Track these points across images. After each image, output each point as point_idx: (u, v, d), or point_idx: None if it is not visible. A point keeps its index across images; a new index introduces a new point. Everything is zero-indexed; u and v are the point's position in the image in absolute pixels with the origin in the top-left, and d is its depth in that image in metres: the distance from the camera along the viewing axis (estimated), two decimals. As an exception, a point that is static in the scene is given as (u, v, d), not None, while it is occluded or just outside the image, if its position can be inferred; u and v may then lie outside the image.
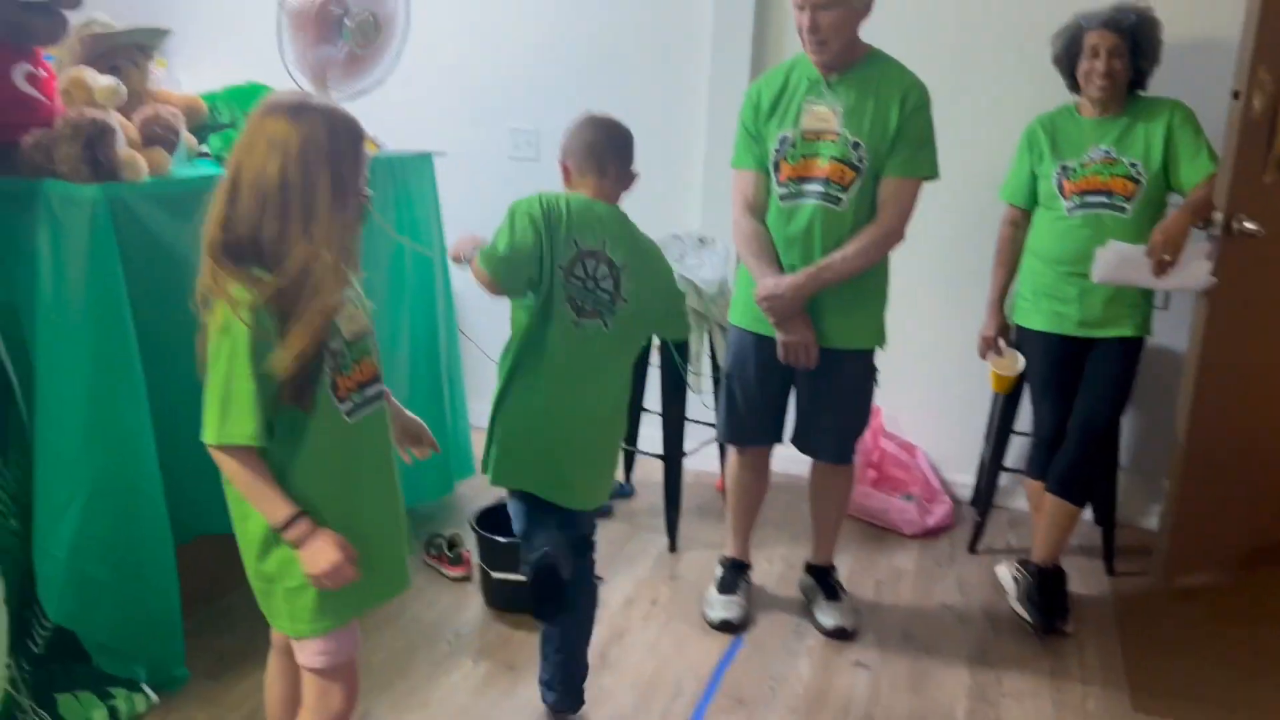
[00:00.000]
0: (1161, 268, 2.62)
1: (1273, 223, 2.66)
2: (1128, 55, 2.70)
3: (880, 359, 2.65)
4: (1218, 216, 2.60)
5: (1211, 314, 2.69)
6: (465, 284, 3.50)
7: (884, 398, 3.42)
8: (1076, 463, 2.78)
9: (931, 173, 2.52)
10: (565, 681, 2.24)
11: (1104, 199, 2.73)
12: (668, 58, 3.53)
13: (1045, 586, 2.76)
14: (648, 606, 2.80)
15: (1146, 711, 2.41)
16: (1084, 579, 3.02)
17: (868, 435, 3.41)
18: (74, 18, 2.17)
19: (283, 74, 2.73)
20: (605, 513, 3.31)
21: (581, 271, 2.00)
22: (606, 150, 2.08)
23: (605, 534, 3.21)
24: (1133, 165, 2.72)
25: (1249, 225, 2.61)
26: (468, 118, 3.75)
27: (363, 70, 2.89)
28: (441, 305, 3.16)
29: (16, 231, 2.07)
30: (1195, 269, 2.63)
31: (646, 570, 3.01)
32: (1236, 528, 3.08)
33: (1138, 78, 2.77)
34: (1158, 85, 2.81)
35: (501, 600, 2.71)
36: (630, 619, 2.74)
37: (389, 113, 3.21)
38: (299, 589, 1.57)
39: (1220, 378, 2.79)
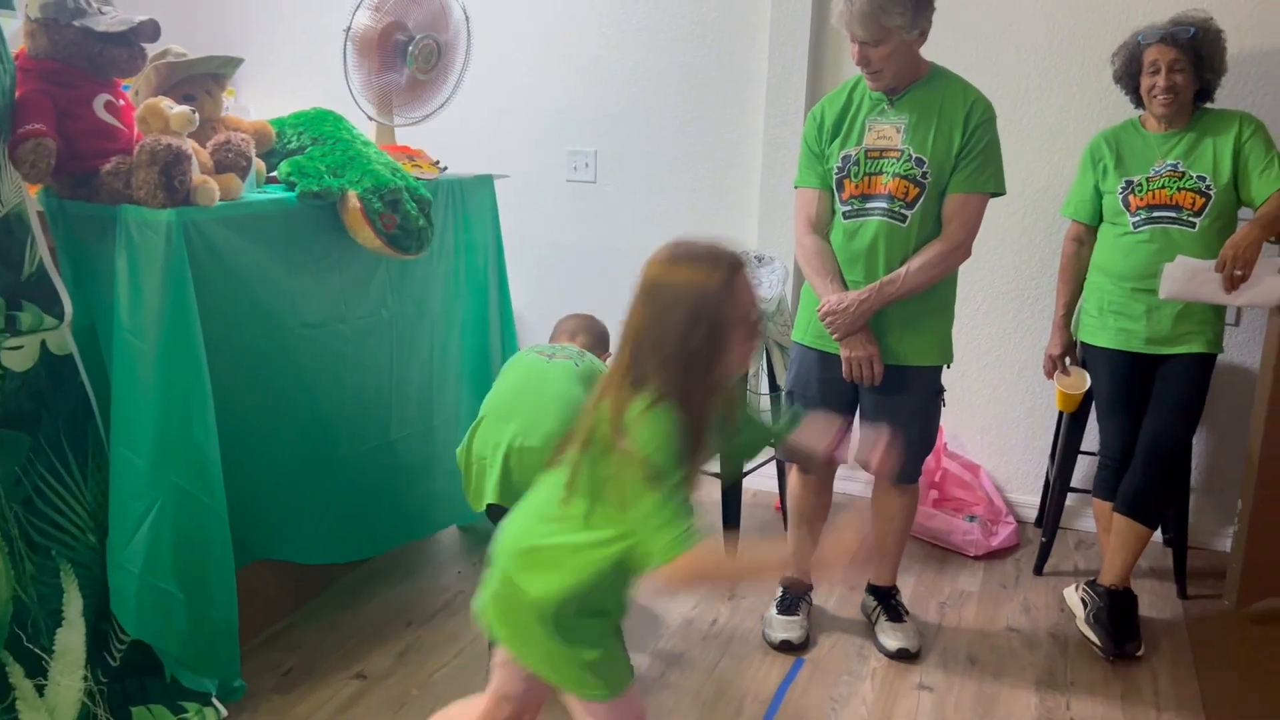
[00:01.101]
0: (1232, 283, 2.57)
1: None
2: (1190, 69, 2.65)
3: (944, 377, 2.62)
4: (1291, 230, 2.55)
5: (1286, 330, 2.63)
6: (524, 305, 3.57)
7: (947, 417, 3.37)
8: (1146, 483, 2.72)
9: (998, 188, 2.50)
10: None
11: (1171, 214, 2.69)
12: (724, 77, 3.55)
13: (1115, 609, 2.70)
14: (707, 627, 2.79)
15: (1224, 738, 2.34)
16: (1155, 602, 2.95)
17: (930, 455, 3.38)
18: (150, 48, 2.24)
19: (348, 100, 2.79)
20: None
21: None
22: None
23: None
24: (1201, 179, 2.67)
25: (1324, 238, 2.54)
26: (528, 140, 3.80)
27: (426, 96, 2.95)
28: (497, 327, 3.19)
29: (97, 255, 2.14)
30: (1268, 285, 2.57)
31: (705, 591, 3.00)
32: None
33: (1204, 90, 2.72)
34: (1229, 97, 2.76)
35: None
36: (690, 640, 2.72)
37: (451, 136, 3.27)
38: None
39: None
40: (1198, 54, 2.66)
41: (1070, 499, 3.22)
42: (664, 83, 3.63)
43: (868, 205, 2.48)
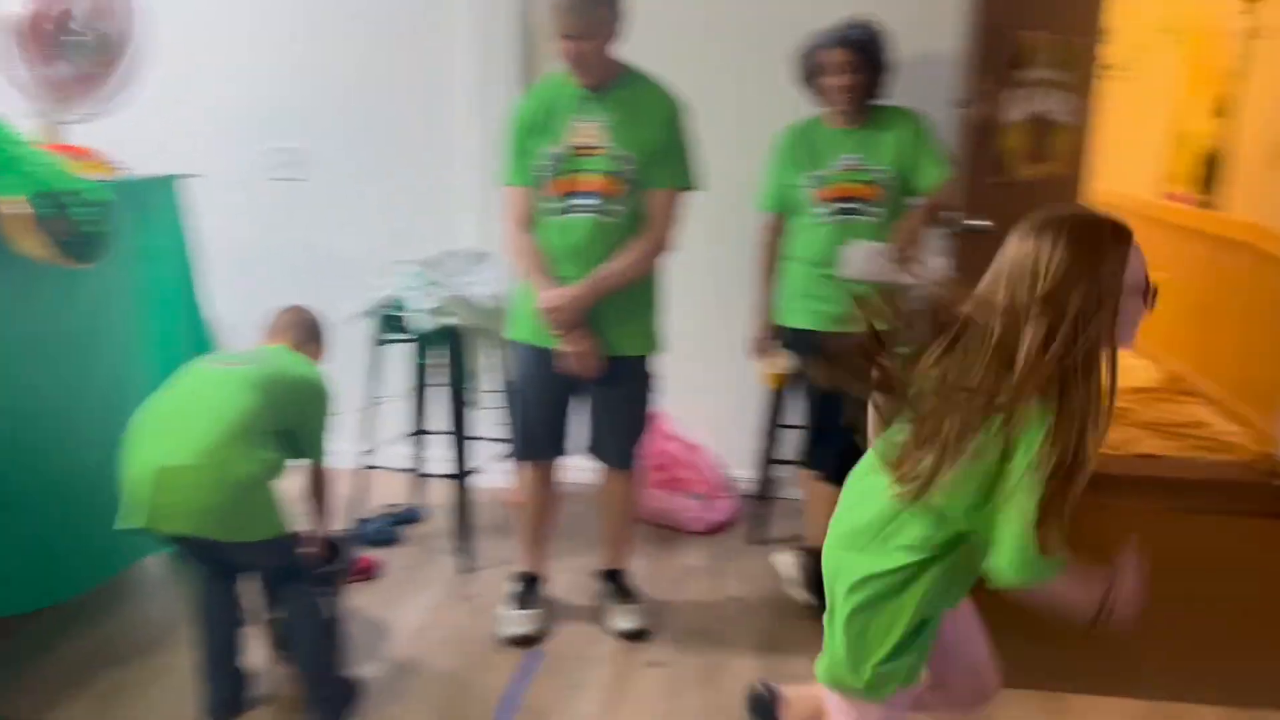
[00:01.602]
0: (902, 265, 2.83)
1: (1000, 218, 2.92)
2: (864, 69, 2.89)
3: (663, 363, 2.72)
4: (951, 215, 2.84)
5: (952, 305, 2.92)
6: (236, 312, 3.37)
7: (669, 400, 3.51)
8: (847, 449, 2.94)
9: (693, 184, 2.63)
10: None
11: (854, 204, 2.92)
12: (431, 73, 3.50)
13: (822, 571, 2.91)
14: (443, 631, 2.76)
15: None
16: (859, 560, 3.20)
17: (654, 438, 3.50)
18: None
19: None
20: (388, 540, 3.24)
21: None
22: None
23: (396, 560, 3.14)
24: (878, 172, 2.91)
25: (979, 221, 2.85)
26: (227, 138, 3.57)
27: (99, 89, 2.70)
28: (190, 340, 2.96)
29: None
30: (933, 265, 2.86)
31: (439, 594, 2.95)
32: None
33: (875, 89, 2.97)
34: (893, 94, 3.03)
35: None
36: (423, 646, 2.68)
37: (141, 134, 3.02)
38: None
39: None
40: (870, 55, 2.90)
41: (786, 471, 3.43)
42: (368, 79, 3.53)
43: (576, 202, 2.53)
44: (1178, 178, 5.38)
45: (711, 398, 3.64)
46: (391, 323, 3.06)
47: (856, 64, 2.87)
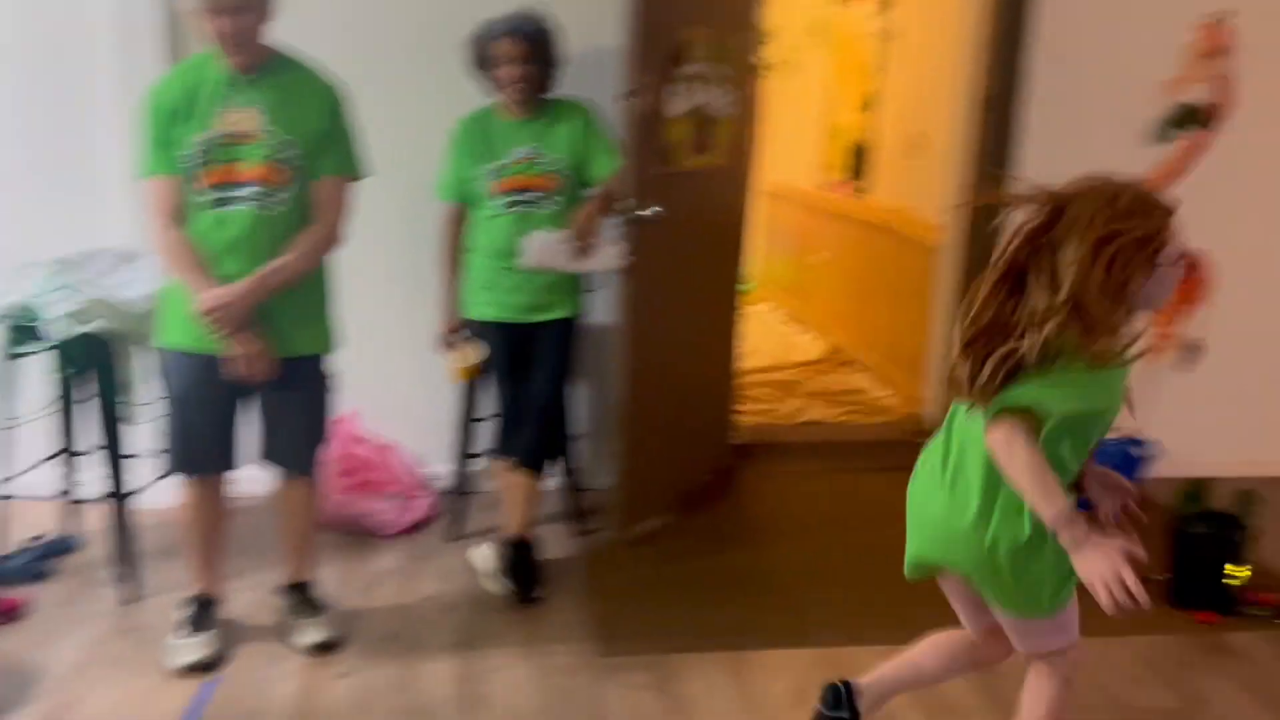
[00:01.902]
0: (581, 253, 2.89)
1: (668, 206, 3.05)
2: (536, 61, 2.91)
3: (349, 361, 2.62)
4: (624, 204, 2.93)
5: (629, 290, 3.02)
6: None
7: (358, 399, 3.38)
8: (534, 438, 2.98)
9: (360, 172, 2.54)
10: None
11: (531, 195, 2.94)
12: (66, 51, 3.14)
13: (518, 559, 2.92)
14: (105, 668, 2.50)
15: (613, 654, 2.66)
16: (558, 544, 3.25)
17: (342, 440, 3.36)
18: None
19: None
20: (36, 576, 2.90)
21: None
22: None
23: (47, 597, 2.81)
24: (553, 163, 2.95)
25: (648, 210, 2.96)
26: None
27: None
28: None
29: None
30: (609, 252, 2.94)
31: (100, 629, 2.68)
32: (673, 475, 3.52)
33: (547, 81, 3.00)
34: (563, 87, 3.07)
35: None
36: (83, 686, 2.42)
37: None
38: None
39: (645, 345, 3.15)
40: (541, 48, 2.92)
41: (483, 464, 3.41)
42: (-14, 56, 3.11)
43: (234, 193, 2.37)
44: (833, 168, 5.89)
45: (402, 394, 3.54)
46: (24, 332, 2.73)
47: (527, 55, 2.89)
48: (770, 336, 6.02)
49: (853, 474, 3.96)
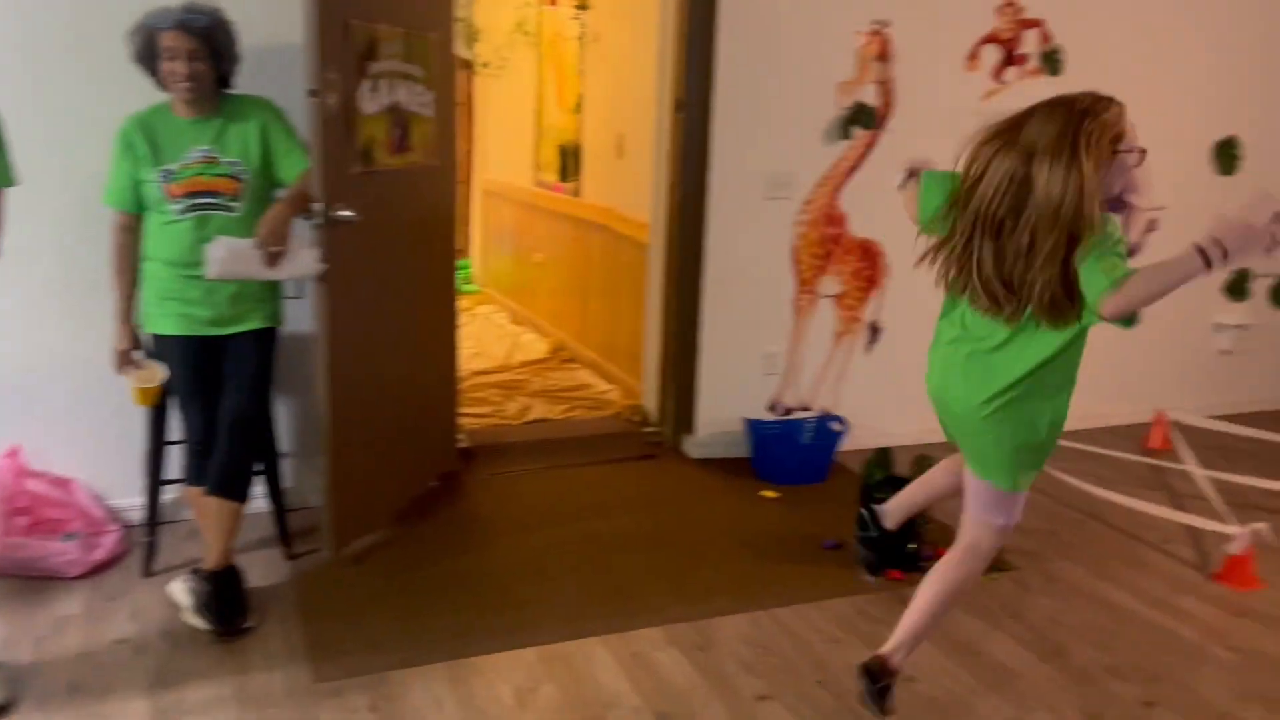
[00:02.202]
0: (271, 259, 2.74)
1: (367, 208, 2.95)
2: (208, 57, 2.72)
3: (10, 388, 2.33)
4: (317, 206, 2.80)
5: (329, 296, 2.89)
6: None
7: (24, 433, 3.05)
8: (230, 460, 2.79)
9: (9, 180, 2.28)
10: None
11: (211, 199, 2.75)
12: None
13: (221, 590, 2.73)
14: None
15: (328, 678, 2.53)
16: (266, 570, 3.06)
17: (9, 479, 3.01)
18: None
19: None
20: None
21: None
22: None
23: None
24: (233, 164, 2.77)
25: (345, 213, 2.85)
26: None
27: None
28: None
29: None
30: (304, 257, 2.80)
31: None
32: (392, 487, 3.42)
33: (224, 77, 2.82)
34: (249, 84, 2.90)
35: None
36: None
37: None
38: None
39: (351, 354, 3.03)
40: (213, 43, 2.73)
41: (173, 492, 3.16)
42: None
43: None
44: (547, 168, 5.94)
45: (81, 423, 3.22)
46: None
47: (196, 50, 2.69)
48: (495, 338, 6.00)
49: (577, 469, 4.01)
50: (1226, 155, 4.67)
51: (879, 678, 2.32)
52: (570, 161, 5.56)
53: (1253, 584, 3.16)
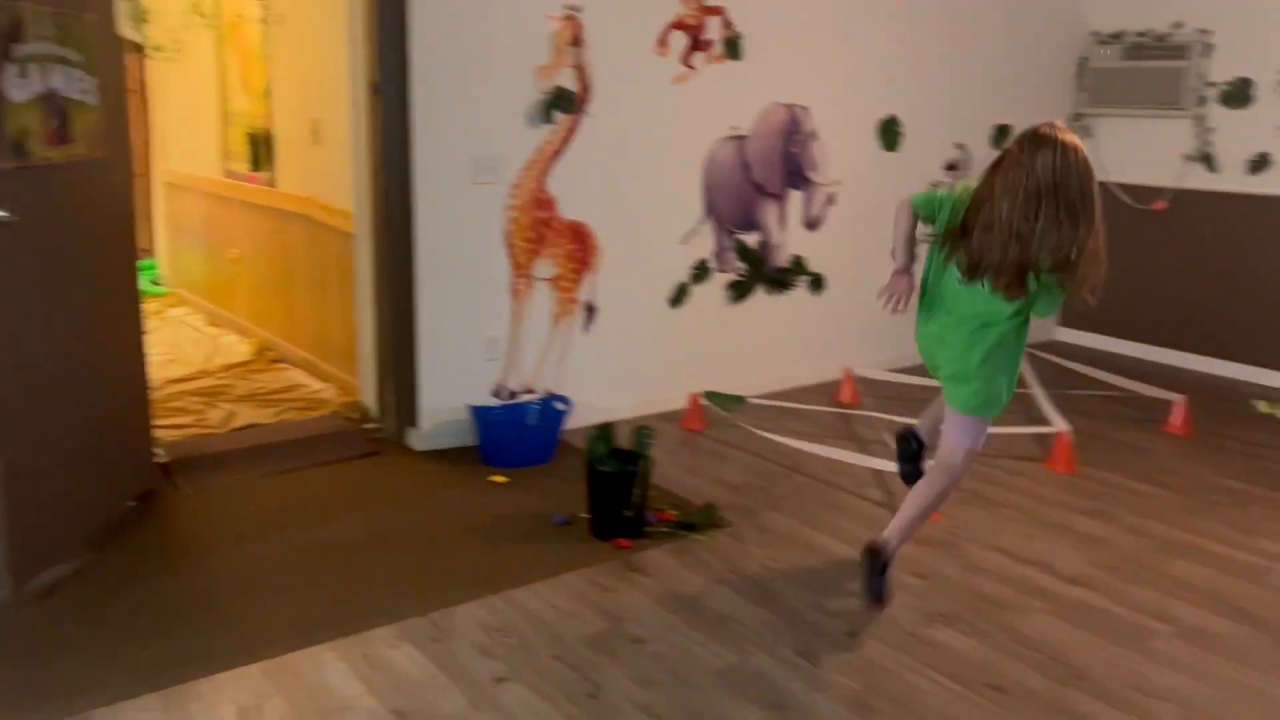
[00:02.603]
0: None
1: (24, 206, 2.66)
2: None
3: None
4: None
5: (-14, 308, 2.58)
6: None
7: None
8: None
9: None
10: None
11: None
12: None
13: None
14: None
15: (19, 730, 2.28)
16: (-68, 621, 2.70)
17: None
18: None
19: None
20: None
21: None
22: None
23: None
24: None
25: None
26: None
27: None
28: None
29: None
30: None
31: None
32: (79, 512, 3.11)
33: None
34: None
35: None
36: None
37: None
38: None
39: (19, 373, 2.72)
40: None
41: None
42: None
43: None
44: (237, 157, 5.58)
45: None
46: None
47: None
48: (192, 342, 5.59)
49: (295, 473, 3.83)
50: (890, 133, 5.17)
51: (878, 555, 2.89)
52: (262, 150, 5.26)
53: (932, 516, 3.55)
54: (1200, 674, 2.62)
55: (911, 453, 3.25)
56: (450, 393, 4.08)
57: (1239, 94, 5.34)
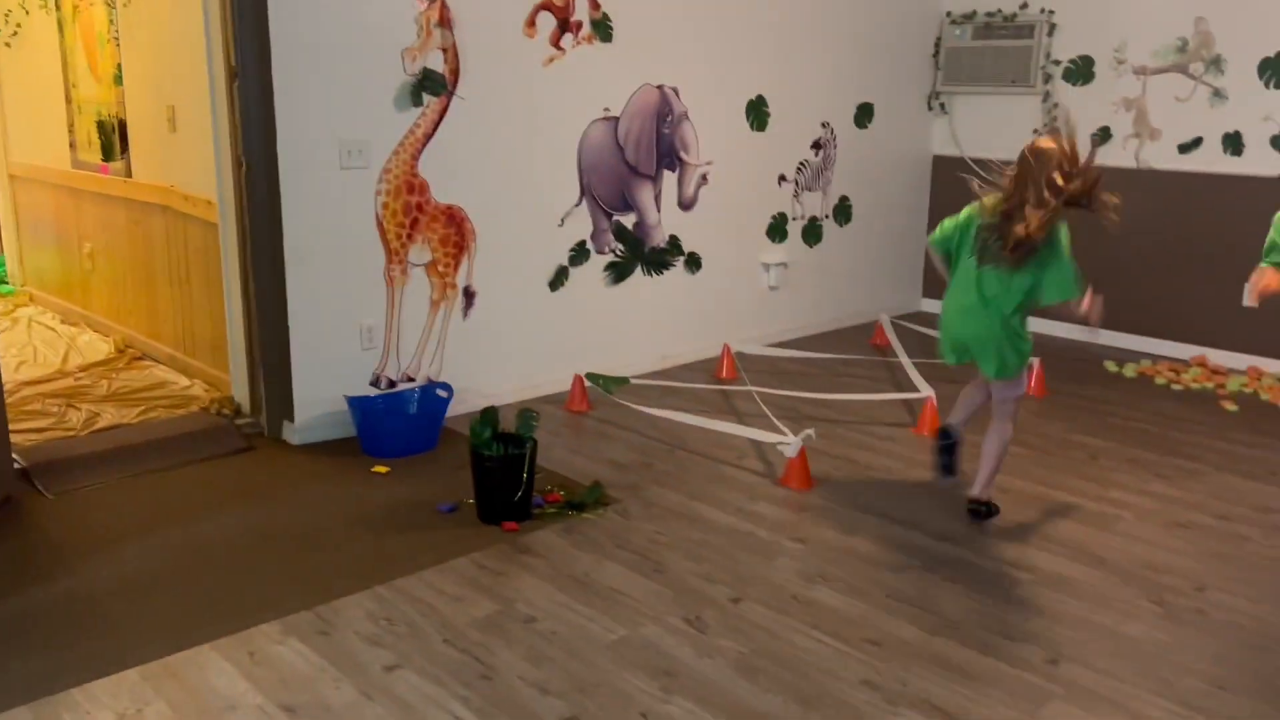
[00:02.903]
0: None
1: None
2: None
3: None
4: None
5: None
6: None
7: None
8: None
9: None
10: None
11: None
12: None
13: None
14: None
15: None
16: None
17: None
18: None
19: None
20: None
21: None
22: None
23: None
24: None
25: None
26: None
27: None
28: None
29: None
30: None
31: None
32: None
33: None
34: None
35: None
36: None
37: None
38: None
39: None
40: None
41: None
42: None
43: None
44: (87, 147, 5.32)
45: None
46: None
47: None
48: (46, 342, 5.32)
49: (165, 473, 3.70)
50: (758, 113, 5.28)
51: (979, 506, 3.44)
52: (114, 139, 5.02)
53: (808, 483, 3.67)
54: (1058, 617, 2.80)
55: (949, 445, 3.58)
56: (326, 384, 4.00)
57: (1081, 71, 5.65)
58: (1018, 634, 2.71)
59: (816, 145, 5.62)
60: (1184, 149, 5.35)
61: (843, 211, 5.88)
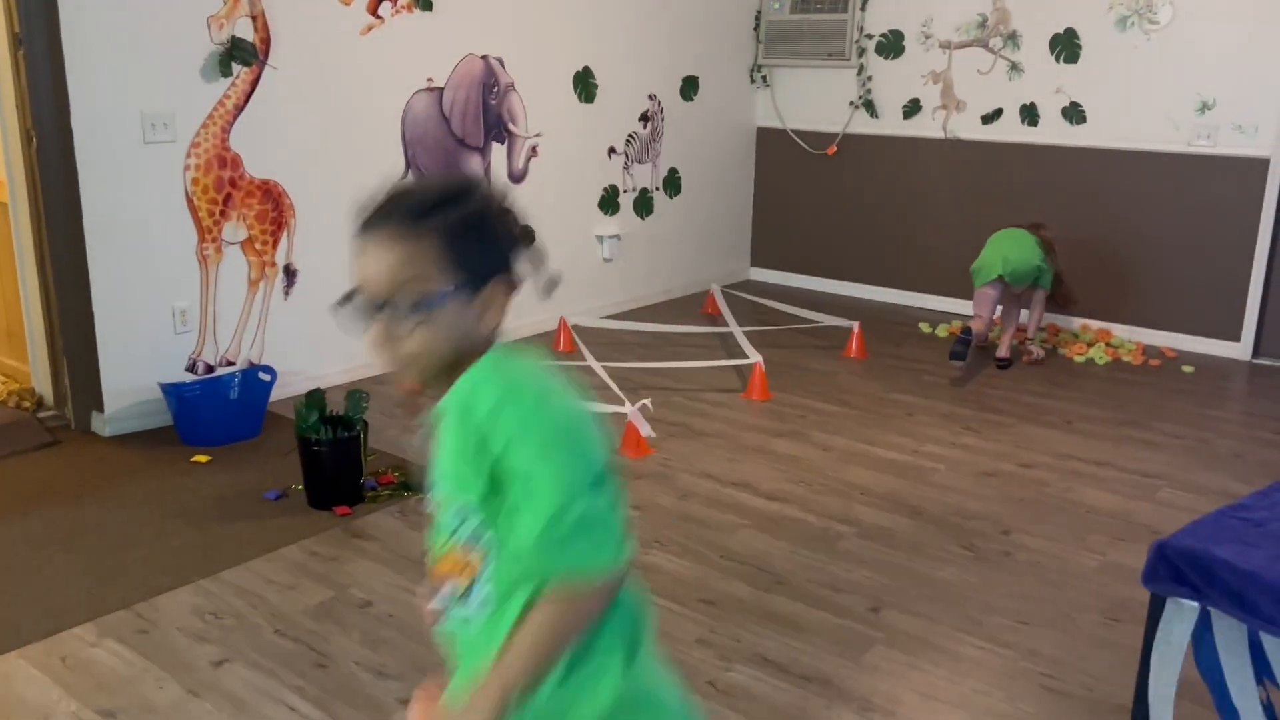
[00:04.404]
0: None
1: None
2: None
3: None
4: None
5: None
6: None
7: None
8: None
9: None
10: None
11: None
12: None
13: None
14: None
15: None
16: None
17: None
18: None
19: None
20: None
21: None
22: None
23: None
24: None
25: None
26: None
27: None
28: None
29: None
30: None
31: None
32: None
33: None
34: None
35: None
36: None
37: None
38: None
39: None
40: None
41: None
42: None
43: None
44: None
45: None
46: None
47: None
48: None
49: (-42, 473, 3.42)
50: (585, 85, 5.28)
51: (1007, 362, 4.87)
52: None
53: (645, 450, 3.73)
54: (880, 566, 2.96)
55: (966, 340, 4.61)
56: (138, 371, 3.78)
57: (892, 45, 5.90)
58: (843, 585, 2.85)
59: (644, 117, 5.67)
60: (986, 120, 5.68)
61: (672, 183, 5.96)
